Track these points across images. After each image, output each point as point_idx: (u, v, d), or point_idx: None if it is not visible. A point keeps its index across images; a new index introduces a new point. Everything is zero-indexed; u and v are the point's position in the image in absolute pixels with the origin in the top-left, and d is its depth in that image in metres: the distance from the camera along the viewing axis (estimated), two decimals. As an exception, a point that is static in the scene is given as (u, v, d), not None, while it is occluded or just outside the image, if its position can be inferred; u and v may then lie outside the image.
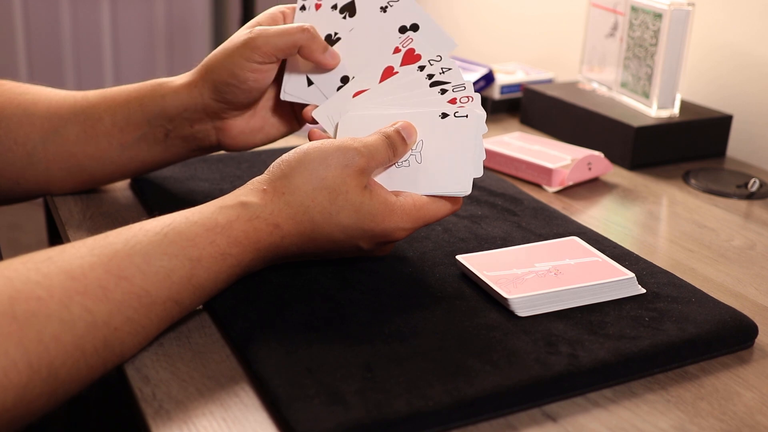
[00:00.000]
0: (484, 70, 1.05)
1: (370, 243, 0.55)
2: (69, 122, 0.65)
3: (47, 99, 0.66)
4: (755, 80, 0.96)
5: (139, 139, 0.66)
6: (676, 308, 0.54)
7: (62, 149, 0.65)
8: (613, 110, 0.92)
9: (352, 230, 0.53)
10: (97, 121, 0.65)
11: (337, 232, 0.53)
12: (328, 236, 0.53)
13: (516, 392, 0.45)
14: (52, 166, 0.66)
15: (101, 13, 2.29)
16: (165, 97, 0.65)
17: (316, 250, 0.54)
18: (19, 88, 0.67)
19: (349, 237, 0.53)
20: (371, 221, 0.53)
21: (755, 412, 0.47)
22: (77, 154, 0.66)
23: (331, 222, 0.52)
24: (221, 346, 0.50)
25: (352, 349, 0.48)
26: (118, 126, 0.65)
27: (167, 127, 0.65)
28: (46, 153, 0.65)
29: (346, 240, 0.54)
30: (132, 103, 0.65)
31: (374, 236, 0.54)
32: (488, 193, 0.73)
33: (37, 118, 0.65)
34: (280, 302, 0.53)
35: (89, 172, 0.67)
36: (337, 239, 0.53)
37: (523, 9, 1.33)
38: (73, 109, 0.65)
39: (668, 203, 0.80)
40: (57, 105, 0.66)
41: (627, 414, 0.46)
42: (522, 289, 0.53)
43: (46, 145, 0.65)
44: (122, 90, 0.66)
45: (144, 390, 0.46)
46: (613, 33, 0.97)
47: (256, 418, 0.44)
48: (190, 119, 0.65)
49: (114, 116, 0.65)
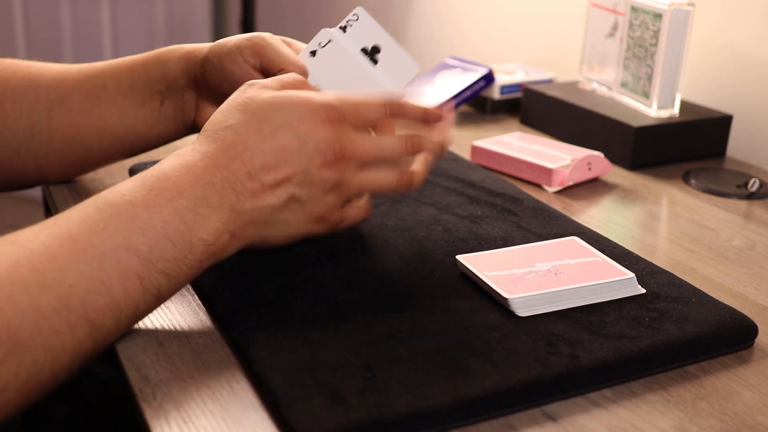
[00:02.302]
0: (484, 70, 1.05)
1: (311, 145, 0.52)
2: (74, 91, 0.66)
3: (53, 70, 0.67)
4: (755, 80, 0.96)
5: (138, 106, 0.67)
6: (676, 308, 0.54)
7: (66, 119, 0.66)
8: (613, 110, 0.92)
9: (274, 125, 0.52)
10: (101, 90, 0.66)
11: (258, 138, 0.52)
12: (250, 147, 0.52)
13: (516, 392, 0.45)
14: (54, 137, 0.66)
15: (101, 13, 2.29)
16: (168, 63, 0.66)
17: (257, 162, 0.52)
18: (23, 62, 0.68)
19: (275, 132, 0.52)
20: (289, 109, 0.52)
21: (755, 412, 0.47)
22: (79, 123, 0.66)
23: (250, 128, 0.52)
24: (221, 346, 0.50)
25: (352, 349, 0.48)
26: (122, 92, 0.66)
27: (163, 94, 0.67)
28: (50, 123, 0.66)
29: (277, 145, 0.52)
30: (137, 69, 0.67)
31: (302, 120, 0.52)
32: (488, 193, 0.73)
33: (42, 89, 0.66)
34: (280, 302, 0.53)
35: (87, 145, 0.68)
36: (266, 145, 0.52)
37: (523, 9, 1.33)
38: (78, 78, 0.67)
39: (668, 203, 0.80)
40: (62, 75, 0.67)
41: (627, 414, 0.46)
42: (522, 289, 0.53)
43: (50, 114, 0.66)
44: (129, 58, 0.68)
45: (144, 390, 0.46)
46: (613, 33, 0.97)
47: (256, 418, 0.44)
48: (183, 87, 0.67)
49: (119, 83, 0.67)
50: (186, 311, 0.54)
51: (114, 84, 0.67)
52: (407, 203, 0.70)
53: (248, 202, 0.51)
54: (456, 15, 1.50)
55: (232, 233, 0.51)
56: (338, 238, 0.62)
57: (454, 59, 1.10)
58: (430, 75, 1.08)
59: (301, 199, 0.53)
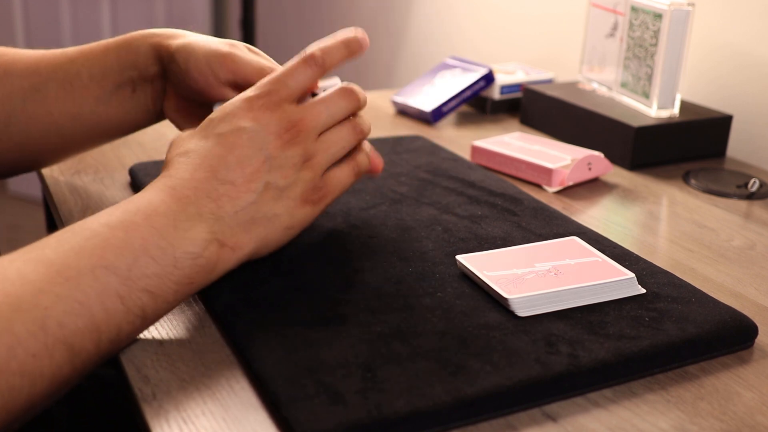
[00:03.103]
0: (484, 70, 1.05)
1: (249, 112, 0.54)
2: (49, 80, 0.66)
3: (26, 58, 0.67)
4: (755, 80, 0.96)
5: (111, 93, 0.66)
6: (676, 308, 0.54)
7: (41, 108, 0.66)
8: (613, 110, 0.92)
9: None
10: (75, 77, 0.66)
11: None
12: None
13: (516, 392, 0.45)
14: (31, 127, 0.66)
15: (101, 13, 2.29)
16: (139, 50, 0.66)
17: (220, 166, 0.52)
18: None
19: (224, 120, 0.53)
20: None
21: (755, 412, 0.47)
22: (54, 112, 0.66)
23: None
24: (221, 346, 0.50)
25: (352, 349, 0.48)
26: (95, 79, 0.66)
27: (134, 81, 0.66)
28: (26, 112, 0.65)
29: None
30: (110, 55, 0.66)
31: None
32: (488, 193, 0.73)
33: (16, 78, 0.65)
34: (280, 302, 0.53)
35: (62, 133, 0.67)
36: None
37: (523, 9, 1.33)
38: (52, 66, 0.66)
39: (668, 203, 0.80)
40: (35, 64, 0.66)
41: (627, 414, 0.46)
42: (522, 289, 0.53)
43: (26, 104, 0.65)
44: (101, 43, 0.67)
45: (144, 390, 0.46)
46: (613, 33, 0.97)
47: (256, 418, 0.44)
48: (153, 75, 0.66)
49: (91, 69, 0.66)
50: (186, 311, 0.54)
51: (87, 71, 0.66)
52: (407, 203, 0.70)
53: (228, 205, 0.51)
54: (456, 15, 1.50)
55: (220, 242, 0.50)
56: (338, 238, 0.62)
57: (454, 59, 1.10)
58: (430, 75, 1.08)
59: (278, 184, 0.53)
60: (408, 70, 1.69)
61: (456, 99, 1.02)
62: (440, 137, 0.96)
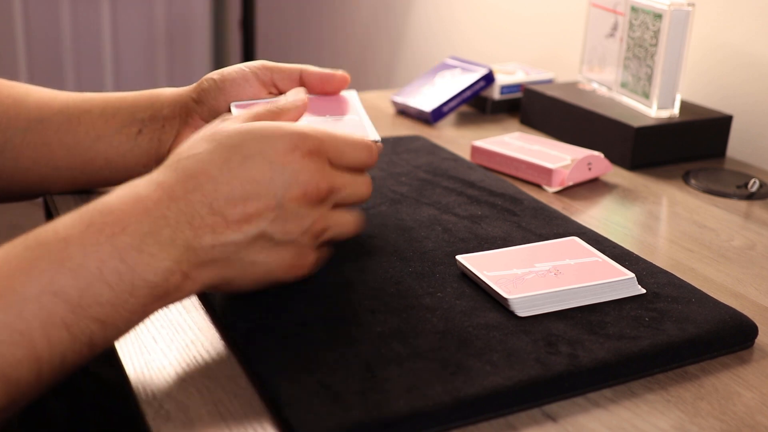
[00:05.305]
0: (484, 70, 1.05)
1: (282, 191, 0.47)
2: (59, 113, 0.66)
3: (39, 92, 0.67)
4: (755, 80, 0.96)
5: (115, 131, 0.65)
6: (676, 308, 0.54)
7: (40, 138, 0.65)
8: (613, 110, 0.92)
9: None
10: (85, 112, 0.66)
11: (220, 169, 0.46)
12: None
13: (516, 392, 0.45)
14: (23, 155, 0.65)
15: (101, 13, 2.29)
16: (161, 94, 0.66)
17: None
18: (10, 82, 0.67)
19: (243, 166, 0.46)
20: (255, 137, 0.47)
21: (755, 412, 0.47)
22: (52, 143, 0.65)
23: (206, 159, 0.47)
24: (221, 346, 0.50)
25: (352, 349, 0.48)
26: (104, 117, 0.66)
27: (144, 122, 0.66)
28: (23, 140, 0.65)
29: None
30: (129, 98, 0.67)
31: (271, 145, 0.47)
32: (488, 193, 0.73)
33: (24, 108, 0.65)
34: (280, 302, 0.53)
35: (54, 165, 0.66)
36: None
37: (523, 9, 1.33)
38: (65, 102, 0.66)
39: (668, 203, 0.80)
40: (52, 98, 0.66)
41: (627, 414, 0.46)
42: (522, 289, 0.53)
43: (26, 133, 0.65)
44: (122, 93, 0.68)
45: (144, 390, 0.46)
46: (613, 33, 0.97)
47: (256, 418, 0.44)
48: (165, 117, 0.66)
49: (105, 107, 0.66)
50: (186, 311, 0.54)
51: (99, 109, 0.66)
52: (407, 203, 0.70)
53: (207, 237, 0.45)
54: (456, 15, 1.50)
55: (184, 273, 0.45)
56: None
57: (454, 59, 1.10)
58: (430, 75, 1.08)
59: (273, 237, 0.47)
60: (408, 70, 1.69)
61: (456, 99, 1.02)
62: (440, 137, 0.96)
